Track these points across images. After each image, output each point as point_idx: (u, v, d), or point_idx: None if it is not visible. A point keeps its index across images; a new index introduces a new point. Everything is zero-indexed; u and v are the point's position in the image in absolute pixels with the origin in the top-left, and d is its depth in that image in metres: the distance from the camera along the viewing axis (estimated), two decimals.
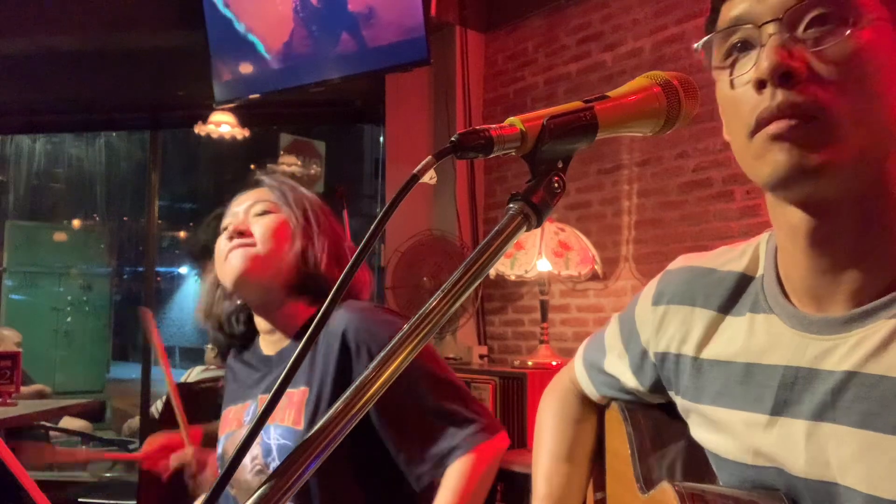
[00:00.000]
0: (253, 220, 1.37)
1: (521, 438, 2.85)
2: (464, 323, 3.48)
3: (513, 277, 3.03)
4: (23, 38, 4.17)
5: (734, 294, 0.82)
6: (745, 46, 0.71)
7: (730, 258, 0.85)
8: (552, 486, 1.01)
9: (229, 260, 1.34)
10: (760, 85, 0.67)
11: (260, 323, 1.42)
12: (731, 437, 0.79)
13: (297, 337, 1.39)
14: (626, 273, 3.14)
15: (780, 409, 0.74)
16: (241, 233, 1.35)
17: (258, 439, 1.29)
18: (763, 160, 0.68)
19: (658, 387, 0.93)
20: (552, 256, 2.90)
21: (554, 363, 2.97)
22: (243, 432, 1.32)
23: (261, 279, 1.34)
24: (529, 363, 3.00)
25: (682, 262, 0.92)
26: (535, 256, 2.91)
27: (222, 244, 1.37)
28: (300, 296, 1.37)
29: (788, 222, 0.73)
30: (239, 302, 1.43)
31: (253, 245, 1.34)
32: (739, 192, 2.76)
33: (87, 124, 5.90)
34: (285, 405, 1.29)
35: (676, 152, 2.98)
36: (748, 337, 0.79)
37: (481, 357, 3.55)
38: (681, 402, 0.87)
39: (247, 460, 1.30)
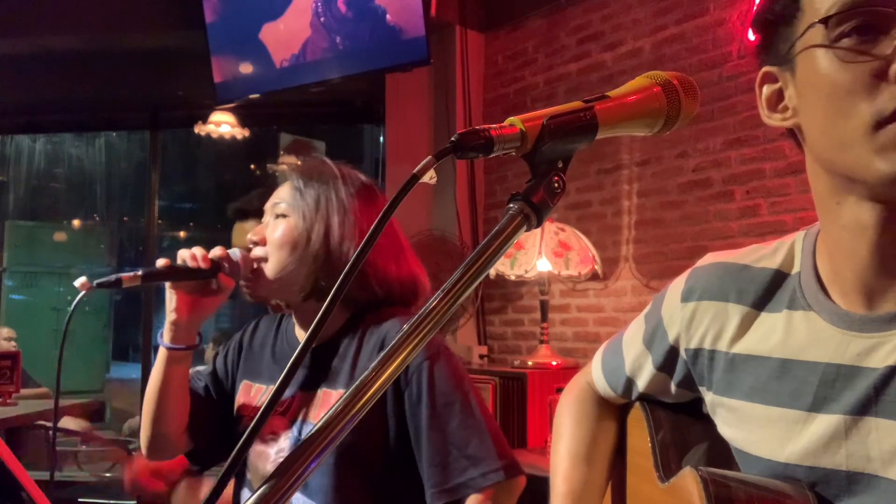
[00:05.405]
0: (273, 223, 1.34)
1: (521, 438, 2.85)
2: (464, 323, 3.49)
3: (513, 277, 3.03)
4: (23, 38, 4.17)
5: (769, 290, 0.82)
6: (867, 30, 0.67)
7: (762, 255, 0.85)
8: (571, 485, 1.01)
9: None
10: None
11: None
12: (762, 433, 0.79)
13: (336, 336, 1.31)
14: (626, 273, 3.14)
15: (818, 405, 0.74)
16: (257, 242, 1.33)
17: (288, 433, 1.27)
18: (891, 154, 0.66)
19: (686, 382, 0.92)
20: (552, 256, 2.90)
21: (554, 363, 2.97)
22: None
23: (272, 296, 1.33)
24: (529, 363, 3.00)
25: (711, 258, 0.91)
26: (535, 256, 2.91)
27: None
28: (320, 301, 1.28)
29: (857, 219, 0.72)
30: None
31: (265, 259, 1.31)
32: (739, 192, 2.76)
33: (87, 124, 5.90)
34: (320, 405, 1.26)
35: (676, 152, 2.98)
36: (786, 333, 0.79)
37: (481, 357, 3.55)
38: (711, 398, 0.87)
39: (271, 451, 1.28)
